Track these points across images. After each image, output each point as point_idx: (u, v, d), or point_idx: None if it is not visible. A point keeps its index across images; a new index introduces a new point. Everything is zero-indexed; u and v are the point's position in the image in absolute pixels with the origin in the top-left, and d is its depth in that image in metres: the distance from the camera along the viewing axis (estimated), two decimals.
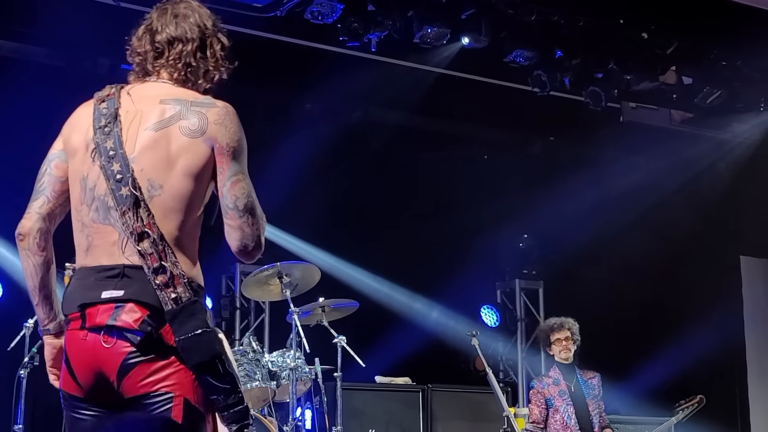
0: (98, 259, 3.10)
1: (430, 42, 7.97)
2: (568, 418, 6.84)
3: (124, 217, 3.06)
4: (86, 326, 3.03)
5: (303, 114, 8.99)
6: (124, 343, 3.00)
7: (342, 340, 7.59)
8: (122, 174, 3.09)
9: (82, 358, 3.06)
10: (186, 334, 3.00)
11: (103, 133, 3.16)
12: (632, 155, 10.09)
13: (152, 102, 3.21)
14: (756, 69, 9.27)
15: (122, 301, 3.02)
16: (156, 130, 3.15)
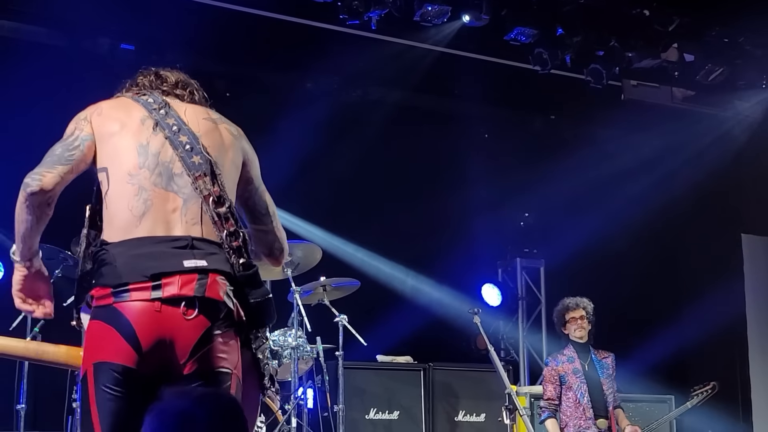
0: (154, 227, 3.07)
1: (430, 20, 7.96)
2: (581, 396, 6.87)
3: (198, 182, 3.10)
4: (162, 297, 2.99)
5: (304, 93, 8.98)
6: (206, 316, 3.01)
7: (343, 319, 7.61)
8: (192, 145, 3.18)
9: (152, 329, 2.98)
10: (260, 297, 3.14)
11: (160, 114, 3.25)
12: (634, 133, 10.09)
13: (192, 105, 3.39)
14: (758, 46, 9.25)
15: (206, 272, 3.03)
16: (210, 121, 3.32)
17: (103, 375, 2.99)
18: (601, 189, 9.85)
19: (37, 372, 7.34)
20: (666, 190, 10.00)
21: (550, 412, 6.92)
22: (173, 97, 3.39)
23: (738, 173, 10.52)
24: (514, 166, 10.09)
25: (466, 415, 8.86)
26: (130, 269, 3.01)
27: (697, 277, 10.49)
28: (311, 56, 8.60)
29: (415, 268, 9.64)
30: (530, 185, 9.92)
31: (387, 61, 8.84)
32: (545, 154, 9.91)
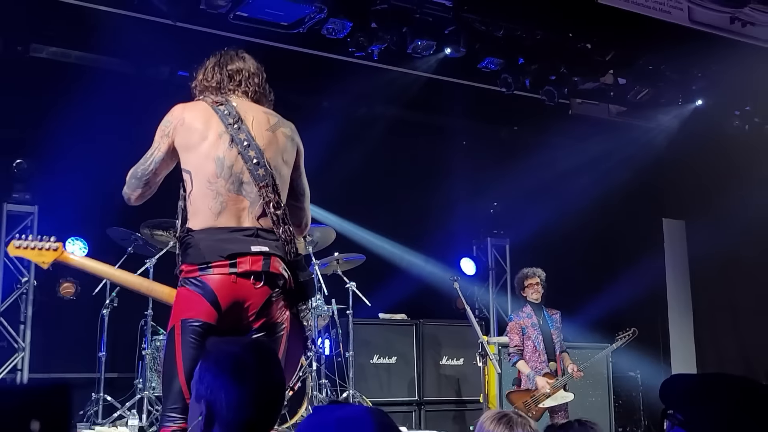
0: (228, 220, 3.22)
1: (420, 52, 7.92)
2: (538, 344, 6.95)
3: (261, 191, 3.22)
4: (237, 272, 3.15)
5: (321, 110, 8.96)
6: (267, 286, 3.21)
7: (352, 285, 7.61)
8: (258, 159, 3.27)
9: (229, 295, 3.17)
10: (306, 277, 3.34)
11: (234, 128, 3.29)
12: (579, 141, 10.07)
13: (258, 110, 3.42)
14: (676, 71, 9.23)
15: (268, 255, 3.21)
16: (272, 131, 3.37)
17: (188, 328, 3.15)
18: (554, 184, 9.84)
19: (114, 326, 7.35)
20: (603, 184, 9.97)
21: (518, 356, 6.95)
22: (242, 95, 3.43)
23: (660, 171, 10.51)
24: (485, 167, 10.06)
25: (448, 360, 8.87)
26: (211, 251, 3.17)
27: (628, 252, 10.48)
28: (327, 81, 8.57)
29: (409, 245, 9.63)
30: (498, 181, 9.90)
31: (386, 85, 8.82)
32: (510, 157, 9.88)
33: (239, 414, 2.15)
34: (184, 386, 3.13)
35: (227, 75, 3.46)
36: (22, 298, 7.88)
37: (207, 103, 3.35)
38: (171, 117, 3.38)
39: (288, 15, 7.18)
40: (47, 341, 7.96)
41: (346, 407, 1.43)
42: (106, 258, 7.54)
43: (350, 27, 7.40)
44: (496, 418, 2.79)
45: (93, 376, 7.22)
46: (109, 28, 7.38)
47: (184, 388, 3.13)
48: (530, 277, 7.16)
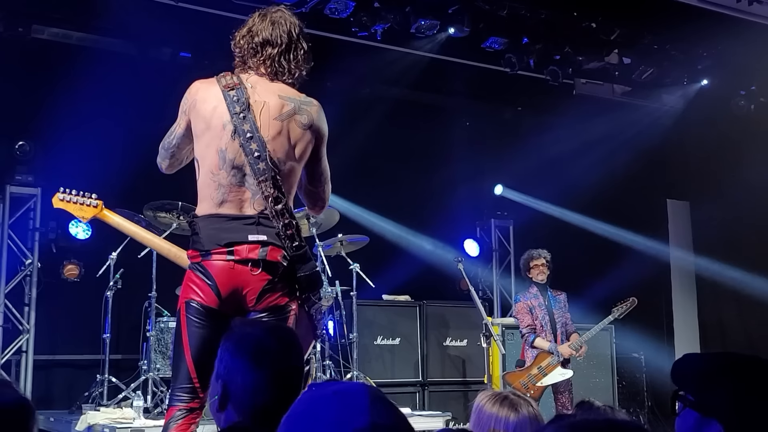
0: (230, 209, 3.24)
1: (423, 32, 7.88)
2: (545, 324, 6.97)
3: (261, 185, 3.19)
4: (234, 259, 3.18)
5: (324, 91, 8.89)
6: (266, 272, 3.21)
7: (356, 266, 7.61)
8: (260, 152, 3.23)
9: (228, 281, 3.21)
10: (307, 271, 3.30)
11: (239, 118, 3.24)
12: (583, 121, 10.02)
13: (273, 95, 3.33)
14: (680, 51, 9.17)
15: (266, 243, 3.21)
16: (281, 120, 3.29)
17: (191, 309, 3.23)
18: (557, 165, 9.80)
19: (118, 308, 7.36)
20: (608, 165, 9.94)
21: (534, 334, 6.95)
22: (263, 74, 3.35)
23: (664, 152, 10.46)
24: (489, 148, 10.04)
25: (452, 341, 8.88)
26: (210, 239, 3.23)
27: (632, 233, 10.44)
28: (330, 61, 8.52)
29: (413, 226, 9.61)
30: (502, 162, 9.88)
31: (389, 65, 8.77)
32: (514, 138, 9.85)
33: (254, 398, 2.14)
34: (191, 366, 3.19)
35: (252, 47, 3.36)
36: (26, 279, 7.88)
37: (219, 87, 3.30)
38: (188, 95, 3.37)
39: None
40: (51, 323, 7.98)
41: (343, 382, 1.48)
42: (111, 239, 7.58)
43: (353, 6, 7.36)
44: (496, 399, 2.71)
45: (97, 358, 7.24)
46: (111, 9, 7.33)
47: (191, 368, 3.19)
48: (536, 258, 7.16)
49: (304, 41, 3.46)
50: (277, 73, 3.36)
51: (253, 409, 2.14)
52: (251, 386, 2.15)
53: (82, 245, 8.03)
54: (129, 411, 6.40)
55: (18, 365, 7.73)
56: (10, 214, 7.86)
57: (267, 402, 2.15)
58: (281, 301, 3.26)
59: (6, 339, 7.65)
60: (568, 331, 7.09)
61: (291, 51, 3.40)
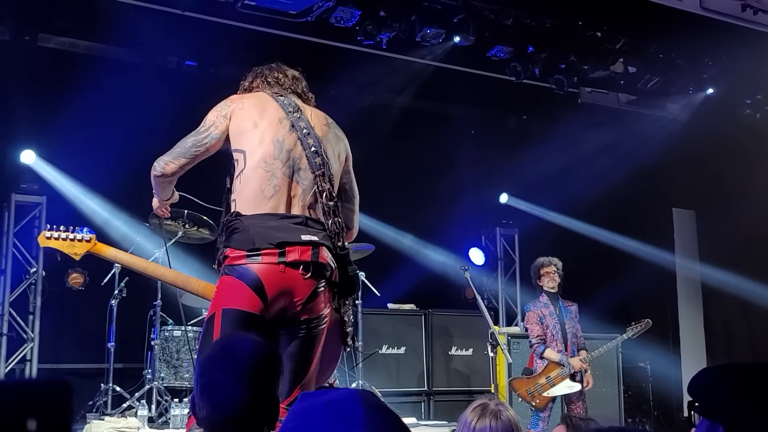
0: (278, 206, 3.15)
1: (428, 40, 7.87)
2: (556, 334, 6.86)
3: (317, 179, 3.15)
4: (286, 261, 3.08)
5: (329, 99, 8.89)
6: (315, 276, 3.14)
7: (362, 275, 7.57)
8: (316, 148, 3.28)
9: (277, 284, 3.09)
10: (354, 271, 3.31)
11: (294, 117, 3.32)
12: (588, 130, 10.01)
13: (313, 109, 3.51)
14: (686, 60, 9.15)
15: (317, 244, 3.14)
16: (327, 126, 3.44)
17: (229, 318, 3.05)
18: (563, 173, 9.78)
19: (123, 316, 7.34)
20: (612, 174, 9.90)
21: (543, 345, 6.85)
22: (295, 95, 3.50)
23: (670, 160, 10.43)
24: (494, 156, 10.01)
25: (457, 350, 8.84)
26: (261, 237, 3.08)
27: (637, 242, 10.40)
28: (335, 69, 8.52)
29: (418, 234, 9.59)
30: (507, 171, 9.86)
31: (394, 73, 8.77)
32: (519, 147, 9.83)
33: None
34: None
35: (275, 78, 3.54)
36: (30, 288, 7.87)
37: (267, 94, 3.36)
38: (230, 101, 3.40)
39: (296, 3, 7.13)
40: (56, 332, 7.96)
41: (334, 391, 1.42)
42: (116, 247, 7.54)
43: (359, 15, 7.35)
44: (473, 407, 2.89)
45: (102, 367, 7.21)
46: (118, 18, 7.35)
47: None
48: (546, 265, 7.07)
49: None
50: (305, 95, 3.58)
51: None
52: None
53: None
54: (133, 420, 6.37)
55: (22, 374, 7.71)
56: (15, 222, 7.86)
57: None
58: (321, 310, 3.20)
59: (10, 347, 7.64)
60: (578, 343, 6.99)
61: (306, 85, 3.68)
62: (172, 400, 6.61)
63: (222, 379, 2.11)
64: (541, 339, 6.85)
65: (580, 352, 6.92)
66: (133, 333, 7.58)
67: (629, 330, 7.27)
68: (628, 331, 7.27)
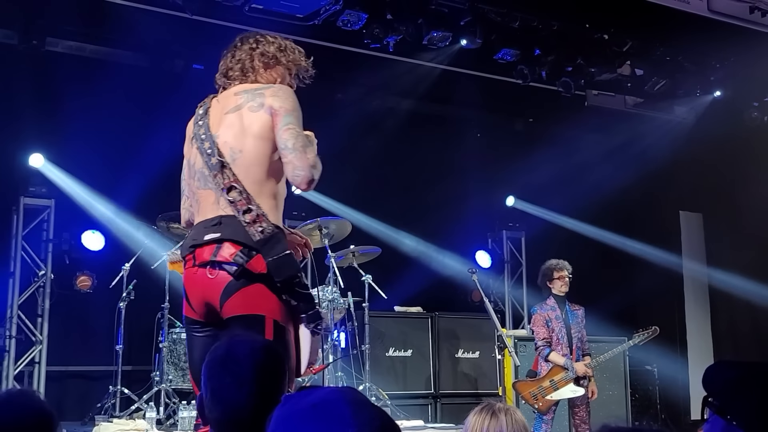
0: (204, 215, 3.22)
1: (435, 43, 7.87)
2: (562, 337, 6.82)
3: (216, 179, 3.16)
4: (196, 263, 3.12)
5: (336, 102, 8.92)
6: (223, 273, 3.07)
7: (368, 278, 7.59)
8: (211, 149, 3.24)
9: (194, 288, 3.17)
10: (275, 255, 3.05)
11: (197, 125, 3.34)
12: (595, 132, 10.00)
13: (230, 96, 3.37)
14: (693, 63, 9.14)
15: (220, 241, 3.10)
16: (233, 112, 3.28)
17: (186, 326, 3.30)
18: (569, 176, 9.77)
19: (131, 319, 7.36)
20: (620, 176, 9.89)
21: (549, 348, 6.82)
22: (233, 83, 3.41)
23: (677, 163, 10.40)
24: (501, 159, 10.01)
25: (464, 353, 8.83)
26: (184, 246, 3.26)
27: (644, 245, 10.38)
28: (342, 73, 8.53)
29: (425, 237, 9.59)
30: (514, 174, 9.85)
31: (401, 76, 8.78)
32: (525, 150, 9.82)
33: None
34: (191, 379, 3.23)
35: (221, 73, 3.48)
36: (39, 291, 7.90)
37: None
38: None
39: (303, 6, 7.15)
40: (64, 334, 7.99)
41: (316, 391, 1.39)
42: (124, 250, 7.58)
43: (366, 18, 7.36)
44: (479, 409, 2.86)
45: (110, 369, 7.23)
46: (125, 22, 7.37)
47: (192, 382, 3.21)
48: (560, 269, 7.03)
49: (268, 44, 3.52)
50: (231, 77, 3.42)
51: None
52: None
53: (95, 256, 8.05)
54: (142, 422, 6.39)
55: (31, 376, 7.73)
56: (24, 225, 7.89)
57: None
58: (246, 306, 3.03)
59: (19, 350, 7.67)
60: (583, 348, 6.97)
61: (236, 51, 3.47)
62: (180, 403, 6.62)
63: (228, 384, 2.11)
64: (546, 342, 6.83)
65: (584, 358, 6.90)
66: (141, 335, 7.60)
67: (636, 336, 7.24)
68: (634, 338, 7.25)
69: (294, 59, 3.59)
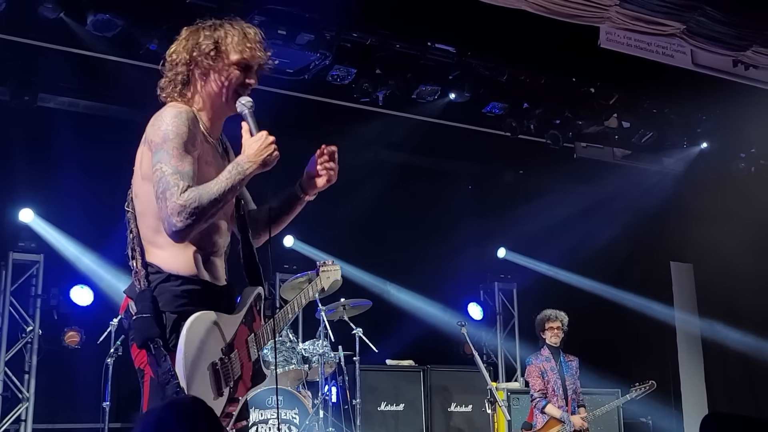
0: None
1: (424, 97, 7.98)
2: (557, 389, 6.79)
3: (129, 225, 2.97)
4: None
5: None
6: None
7: (359, 331, 7.54)
8: (128, 195, 3.03)
9: None
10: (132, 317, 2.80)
11: None
12: (584, 184, 10.06)
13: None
14: (680, 115, 9.28)
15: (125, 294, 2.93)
16: (139, 150, 3.01)
17: None
18: (560, 228, 9.80)
19: (119, 375, 7.26)
20: (610, 228, 9.94)
21: (545, 400, 6.77)
22: None
23: (666, 214, 10.48)
24: (491, 211, 10.05)
25: (457, 407, 8.74)
26: None
27: (635, 296, 10.37)
28: (332, 126, 8.60)
29: (416, 290, 9.57)
30: (505, 225, 9.88)
31: (391, 130, 8.85)
32: (516, 201, 9.88)
33: None
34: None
35: None
36: (26, 347, 7.82)
37: None
38: None
39: (293, 62, 7.24)
40: (51, 391, 7.88)
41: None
42: (110, 307, 7.52)
43: (355, 73, 7.46)
44: None
45: (97, 427, 7.12)
46: (117, 78, 7.44)
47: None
48: (552, 319, 7.03)
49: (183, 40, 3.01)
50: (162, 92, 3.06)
51: None
52: None
53: (84, 311, 7.99)
54: None
55: None
56: (12, 280, 7.84)
57: None
58: (135, 361, 2.87)
59: (5, 407, 7.55)
60: (578, 400, 6.92)
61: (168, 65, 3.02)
62: None
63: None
64: (542, 393, 6.78)
65: (579, 409, 6.85)
66: (128, 392, 7.49)
67: (633, 391, 7.22)
68: (632, 392, 7.23)
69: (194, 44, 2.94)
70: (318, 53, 7.14)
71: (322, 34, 7.11)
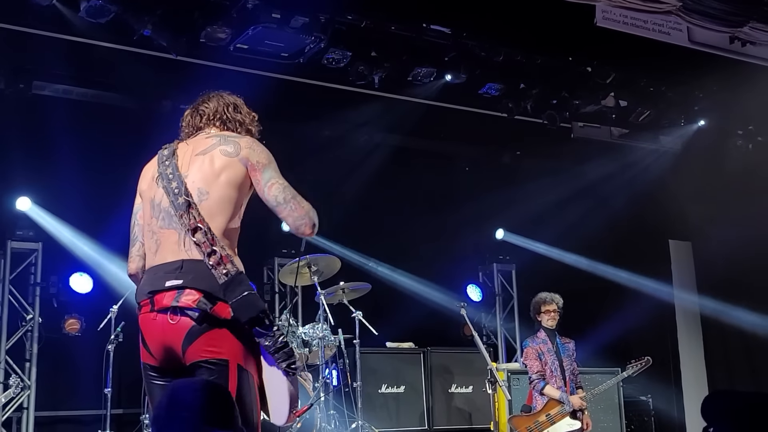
0: (164, 257, 3.17)
1: (420, 79, 7.96)
2: (555, 369, 6.81)
3: (182, 219, 3.14)
4: (155, 309, 3.09)
5: (323, 139, 8.98)
6: (186, 319, 3.04)
7: (359, 314, 7.57)
8: (179, 188, 3.21)
9: (153, 333, 3.13)
10: (237, 296, 3.02)
11: (164, 165, 3.31)
12: (581, 164, 10.06)
13: (201, 139, 3.37)
14: (677, 93, 9.26)
15: (181, 288, 3.07)
16: (203, 154, 3.28)
17: (144, 372, 3.23)
18: (558, 208, 9.82)
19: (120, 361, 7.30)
20: (608, 207, 9.95)
21: (543, 381, 6.79)
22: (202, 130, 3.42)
23: (664, 192, 10.47)
24: (489, 192, 10.05)
25: (457, 388, 8.80)
26: (140, 292, 3.21)
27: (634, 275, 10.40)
28: (329, 109, 8.60)
29: (415, 272, 9.59)
30: (503, 206, 9.89)
31: (387, 112, 8.83)
32: (513, 182, 9.88)
33: None
34: None
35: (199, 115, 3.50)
36: (27, 335, 7.85)
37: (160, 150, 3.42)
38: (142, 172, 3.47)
39: (288, 46, 7.21)
40: (53, 379, 7.92)
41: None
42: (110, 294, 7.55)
43: (350, 56, 7.44)
44: None
45: (99, 413, 7.16)
46: (111, 65, 7.42)
47: None
48: (548, 302, 7.05)
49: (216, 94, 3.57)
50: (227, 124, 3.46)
51: None
52: None
53: (83, 299, 8.02)
54: None
55: (19, 423, 7.66)
56: (11, 269, 7.86)
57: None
58: (210, 351, 3.03)
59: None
60: (576, 381, 6.96)
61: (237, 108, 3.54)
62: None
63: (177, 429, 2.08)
64: (540, 375, 6.81)
65: (578, 390, 6.88)
66: (130, 378, 7.54)
67: (629, 368, 7.25)
68: (628, 369, 7.25)
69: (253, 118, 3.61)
70: (313, 36, 7.11)
71: (317, 17, 7.08)
